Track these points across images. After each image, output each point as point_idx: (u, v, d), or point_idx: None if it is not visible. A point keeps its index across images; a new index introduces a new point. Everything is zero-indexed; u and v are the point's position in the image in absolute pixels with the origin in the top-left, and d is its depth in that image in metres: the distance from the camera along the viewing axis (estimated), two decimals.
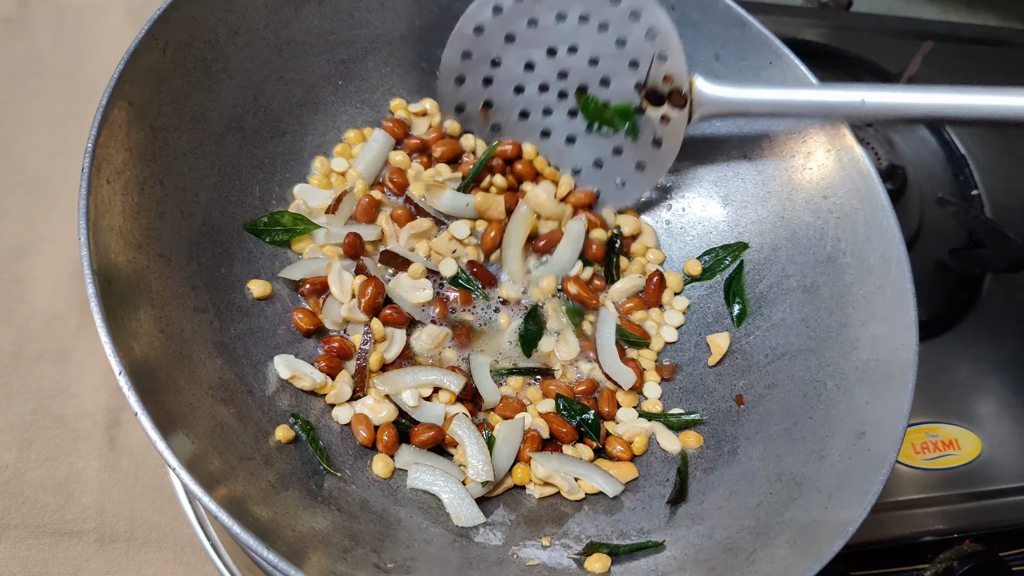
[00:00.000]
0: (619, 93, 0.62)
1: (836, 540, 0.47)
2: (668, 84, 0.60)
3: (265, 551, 0.40)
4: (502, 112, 0.65)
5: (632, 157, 0.64)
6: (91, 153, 0.45)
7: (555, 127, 0.65)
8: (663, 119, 0.61)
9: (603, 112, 0.63)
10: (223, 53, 0.55)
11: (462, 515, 0.53)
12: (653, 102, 0.61)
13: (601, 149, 0.65)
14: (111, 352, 0.41)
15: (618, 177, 0.65)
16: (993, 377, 0.83)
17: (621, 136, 0.63)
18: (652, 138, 0.62)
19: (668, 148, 0.62)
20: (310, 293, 0.59)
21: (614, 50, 0.60)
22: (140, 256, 0.48)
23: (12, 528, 0.65)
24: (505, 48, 0.62)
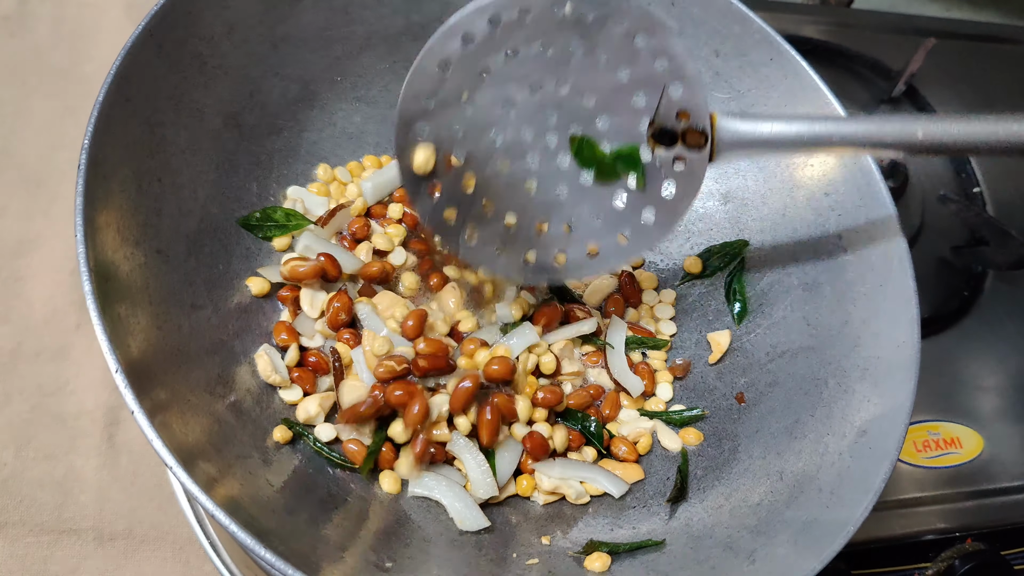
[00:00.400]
0: (622, 133, 0.51)
1: (837, 539, 0.46)
2: (683, 121, 0.50)
3: (263, 551, 0.39)
4: (475, 162, 0.51)
5: (639, 206, 0.52)
6: (88, 149, 0.45)
7: (543, 178, 0.52)
8: (676, 159, 0.51)
9: (602, 156, 0.51)
10: (219, 49, 0.55)
11: (467, 520, 0.53)
12: (663, 142, 0.50)
13: (600, 200, 0.53)
14: (107, 349, 0.41)
15: (620, 230, 0.53)
16: (995, 375, 0.83)
17: (624, 184, 0.52)
18: (662, 185, 0.51)
19: (683, 194, 0.51)
20: (289, 301, 0.57)
21: (614, 82, 0.49)
22: (137, 253, 0.48)
23: (10, 526, 0.65)
24: (477, 86, 0.49)
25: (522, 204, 0.53)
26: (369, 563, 0.46)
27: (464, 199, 0.52)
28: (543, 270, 0.55)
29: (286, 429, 0.52)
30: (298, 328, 0.57)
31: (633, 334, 0.63)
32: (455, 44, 0.47)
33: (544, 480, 0.55)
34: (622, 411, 0.61)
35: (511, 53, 0.49)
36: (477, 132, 0.51)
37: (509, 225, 0.53)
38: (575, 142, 0.51)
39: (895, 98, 0.97)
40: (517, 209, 0.53)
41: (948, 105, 0.98)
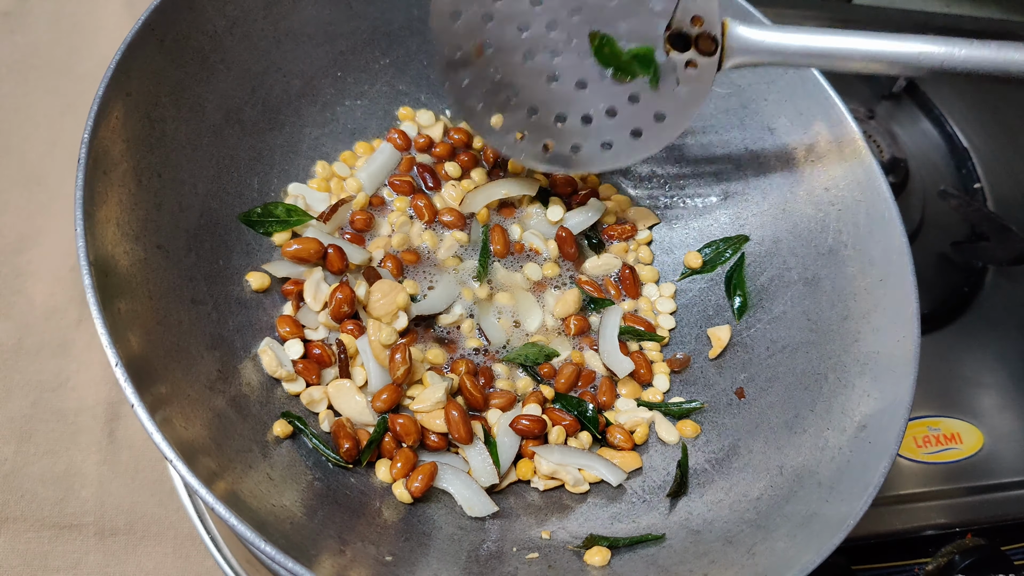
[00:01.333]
0: (638, 34, 0.54)
1: (837, 533, 0.46)
2: (696, 26, 0.52)
3: (263, 543, 0.39)
4: (503, 54, 0.56)
5: (651, 106, 0.56)
6: (88, 144, 0.45)
7: (564, 71, 0.57)
8: (688, 64, 0.54)
9: (620, 56, 0.55)
10: (221, 44, 0.55)
11: (475, 506, 0.53)
12: (677, 46, 0.53)
13: (616, 96, 0.57)
14: (107, 344, 0.41)
15: (633, 127, 0.57)
16: (995, 371, 0.83)
17: (639, 83, 0.56)
18: (674, 86, 0.55)
19: (692, 98, 0.55)
20: (293, 294, 0.58)
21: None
22: (137, 248, 0.48)
23: (12, 521, 0.65)
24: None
25: (544, 96, 0.58)
26: (369, 556, 0.46)
27: (491, 87, 0.57)
28: (559, 159, 0.60)
29: (286, 424, 0.52)
30: (301, 320, 0.57)
31: (629, 324, 0.64)
32: None
33: (543, 464, 0.56)
34: (620, 400, 0.61)
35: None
36: (505, 26, 0.55)
37: (531, 114, 0.58)
38: (595, 40, 0.55)
39: (895, 94, 0.97)
40: (539, 100, 0.58)
41: (949, 101, 0.98)
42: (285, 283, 0.58)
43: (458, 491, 0.54)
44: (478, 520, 0.54)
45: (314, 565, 0.40)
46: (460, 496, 0.53)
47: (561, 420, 0.58)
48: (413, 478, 0.53)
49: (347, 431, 0.54)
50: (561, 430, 0.57)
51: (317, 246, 0.57)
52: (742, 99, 0.64)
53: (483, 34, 0.55)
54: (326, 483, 0.51)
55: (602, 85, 0.56)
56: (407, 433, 0.54)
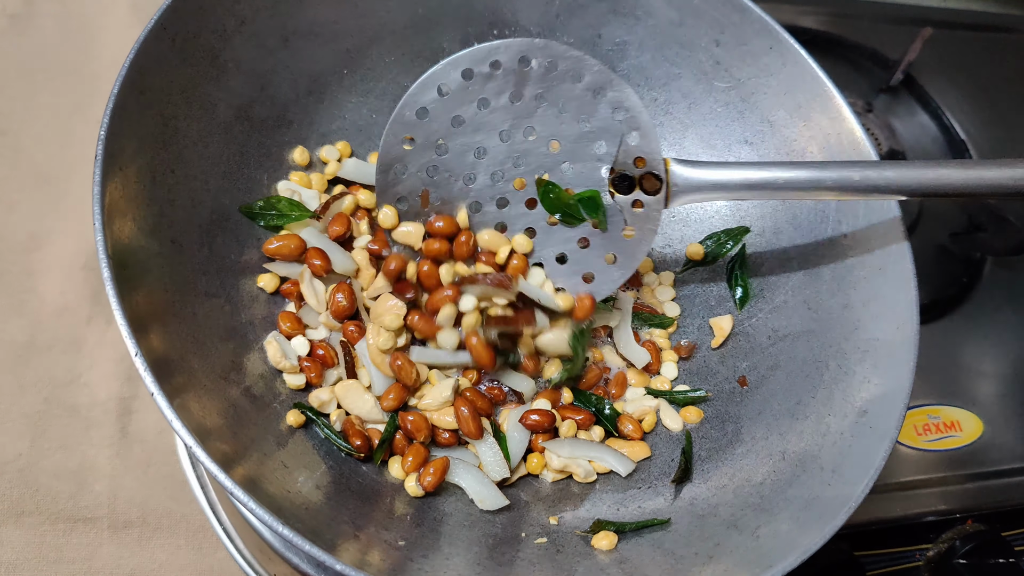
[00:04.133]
0: (584, 179, 0.55)
1: (838, 515, 0.47)
2: (640, 167, 0.54)
3: (281, 527, 0.40)
4: (451, 205, 0.56)
5: (601, 249, 0.57)
6: (104, 141, 0.46)
7: (512, 220, 0.57)
8: (635, 204, 0.55)
9: (566, 201, 0.55)
10: (231, 43, 0.56)
11: (487, 500, 0.54)
12: (621, 189, 0.55)
13: (566, 242, 0.57)
14: (127, 334, 0.42)
15: (584, 271, 0.57)
16: (994, 359, 0.84)
17: (588, 227, 0.56)
18: (623, 228, 0.56)
19: (642, 237, 0.56)
20: (294, 295, 0.58)
21: (576, 131, 0.54)
22: (152, 242, 0.49)
23: (27, 515, 0.67)
24: (452, 133, 0.54)
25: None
26: (382, 541, 0.47)
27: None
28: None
29: (299, 414, 0.53)
30: (304, 319, 0.58)
31: (639, 311, 0.65)
32: (431, 94, 0.53)
33: (554, 459, 0.57)
34: (629, 390, 0.62)
35: (482, 103, 0.54)
36: (451, 178, 0.56)
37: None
38: (541, 186, 0.56)
39: (893, 87, 0.98)
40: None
41: (946, 93, 0.99)
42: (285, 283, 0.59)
43: (470, 485, 0.55)
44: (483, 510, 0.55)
45: (332, 549, 0.41)
46: (472, 490, 0.54)
47: (575, 415, 0.59)
48: (425, 473, 0.53)
49: (356, 429, 0.55)
50: (572, 424, 0.58)
51: (298, 243, 0.57)
52: (741, 92, 0.65)
53: (429, 185, 0.56)
54: (339, 471, 0.52)
55: (551, 231, 0.57)
56: (418, 430, 0.55)
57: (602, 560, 0.51)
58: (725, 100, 0.66)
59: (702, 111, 0.67)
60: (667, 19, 0.65)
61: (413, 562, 0.46)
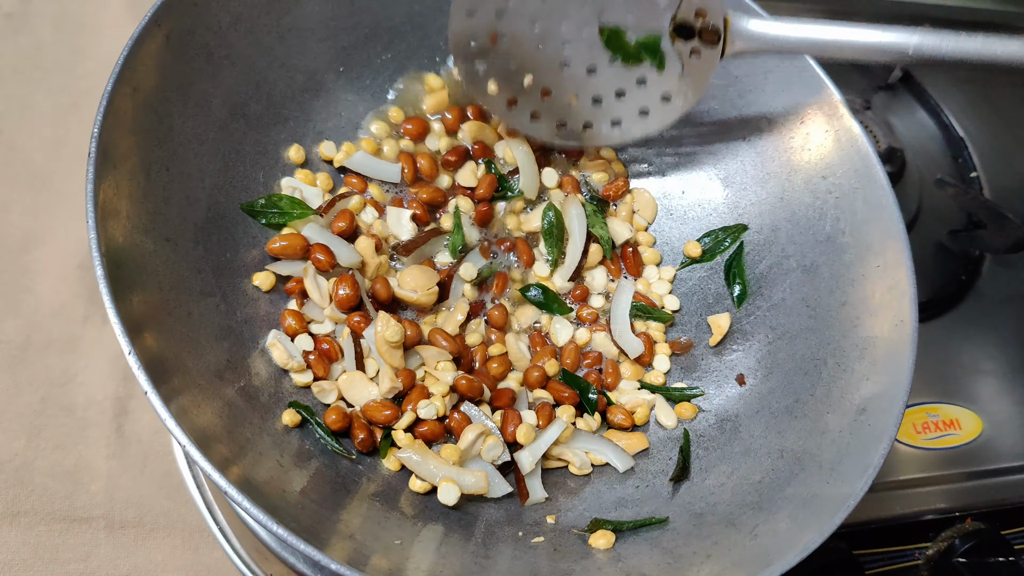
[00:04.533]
0: (645, 26, 0.58)
1: (837, 513, 0.47)
2: (700, 19, 0.56)
3: (276, 527, 0.40)
4: (517, 43, 0.60)
5: (657, 88, 0.60)
6: (97, 138, 0.46)
7: (574, 58, 0.60)
8: (693, 52, 0.58)
9: (627, 45, 0.59)
10: (226, 40, 0.56)
11: (494, 488, 0.54)
12: (683, 36, 0.57)
13: (624, 80, 0.61)
14: (120, 332, 0.42)
15: (641, 107, 0.61)
16: (993, 357, 0.84)
17: (646, 67, 0.59)
18: (679, 71, 0.59)
19: (696, 82, 0.59)
20: (296, 292, 0.58)
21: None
22: (147, 240, 0.49)
23: (23, 515, 0.66)
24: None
25: (556, 80, 0.62)
26: (378, 540, 0.47)
27: (507, 74, 0.61)
28: (571, 135, 0.64)
29: (294, 413, 0.53)
30: (307, 314, 0.58)
31: (638, 301, 0.65)
32: None
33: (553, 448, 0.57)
34: (622, 381, 0.62)
35: None
36: (518, 19, 0.59)
37: (545, 96, 0.62)
38: (604, 32, 0.59)
39: (891, 85, 0.98)
40: (552, 82, 0.62)
41: (945, 91, 0.99)
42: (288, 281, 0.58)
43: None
44: (484, 506, 0.54)
45: (326, 548, 0.41)
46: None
47: (562, 393, 0.59)
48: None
49: (361, 422, 0.54)
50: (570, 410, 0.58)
51: (301, 242, 0.57)
52: (739, 89, 0.65)
53: (497, 26, 0.59)
54: (335, 470, 0.52)
55: (611, 70, 0.60)
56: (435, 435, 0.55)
57: (600, 559, 0.51)
58: (723, 97, 0.66)
59: (699, 109, 0.67)
60: None
61: (409, 561, 0.46)
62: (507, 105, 0.63)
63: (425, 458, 0.53)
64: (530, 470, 0.55)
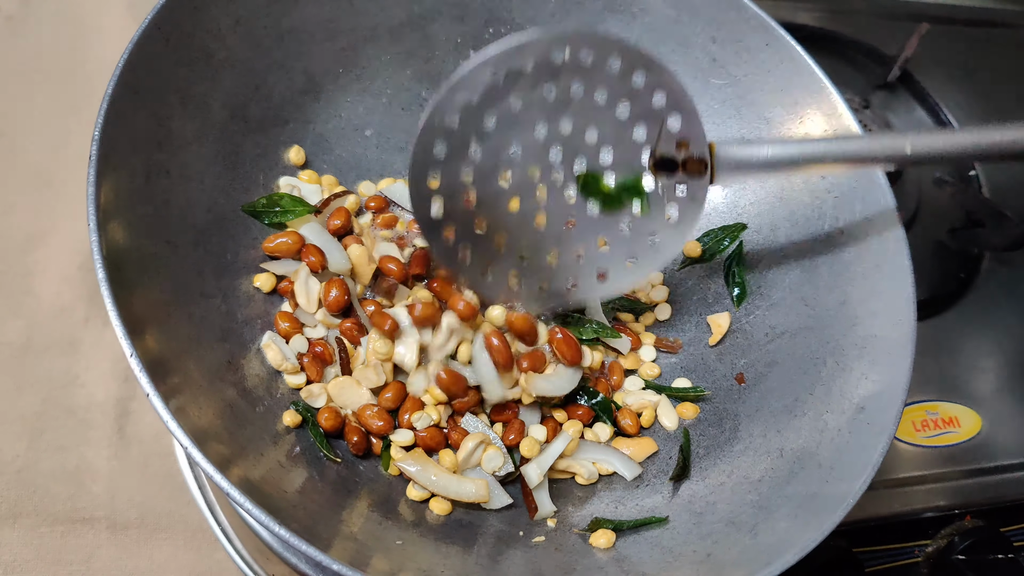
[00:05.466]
0: (624, 165, 0.53)
1: (837, 511, 0.47)
2: (683, 150, 0.52)
3: (277, 527, 0.40)
4: (487, 206, 0.53)
5: (644, 232, 0.55)
6: (98, 141, 0.46)
7: (552, 212, 0.54)
8: (677, 185, 0.53)
9: (607, 189, 0.53)
10: (225, 43, 0.56)
11: (494, 500, 0.54)
12: (665, 170, 0.52)
13: (607, 228, 0.55)
14: (122, 335, 0.42)
15: (629, 253, 0.55)
16: (992, 355, 0.84)
17: (629, 210, 0.54)
18: (666, 208, 0.54)
19: (685, 218, 0.54)
20: (289, 292, 0.58)
21: (615, 117, 0.51)
22: (147, 243, 0.49)
23: (25, 516, 0.66)
24: (485, 135, 0.50)
25: (534, 238, 0.55)
26: (379, 540, 0.47)
27: (479, 238, 0.54)
28: (557, 296, 0.57)
29: (295, 414, 0.53)
30: (300, 319, 0.58)
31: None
32: (461, 97, 0.48)
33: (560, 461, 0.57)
34: (627, 380, 0.62)
35: (515, 99, 0.50)
36: (487, 175, 0.52)
37: (523, 258, 0.55)
38: (581, 178, 0.53)
39: (890, 83, 0.98)
40: (529, 243, 0.55)
41: (943, 89, 0.99)
42: (282, 281, 0.58)
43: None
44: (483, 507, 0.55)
45: (327, 549, 0.41)
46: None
47: (576, 411, 0.59)
48: None
49: (353, 426, 0.54)
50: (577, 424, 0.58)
51: (297, 239, 0.57)
52: (738, 90, 0.65)
53: (465, 188, 0.52)
54: (336, 471, 0.52)
55: (592, 220, 0.54)
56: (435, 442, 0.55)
57: (600, 558, 0.51)
58: (722, 97, 0.66)
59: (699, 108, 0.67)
60: (664, 16, 0.65)
61: (410, 561, 0.46)
62: (481, 274, 0.55)
63: (425, 467, 0.53)
64: (537, 483, 0.55)
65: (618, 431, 0.60)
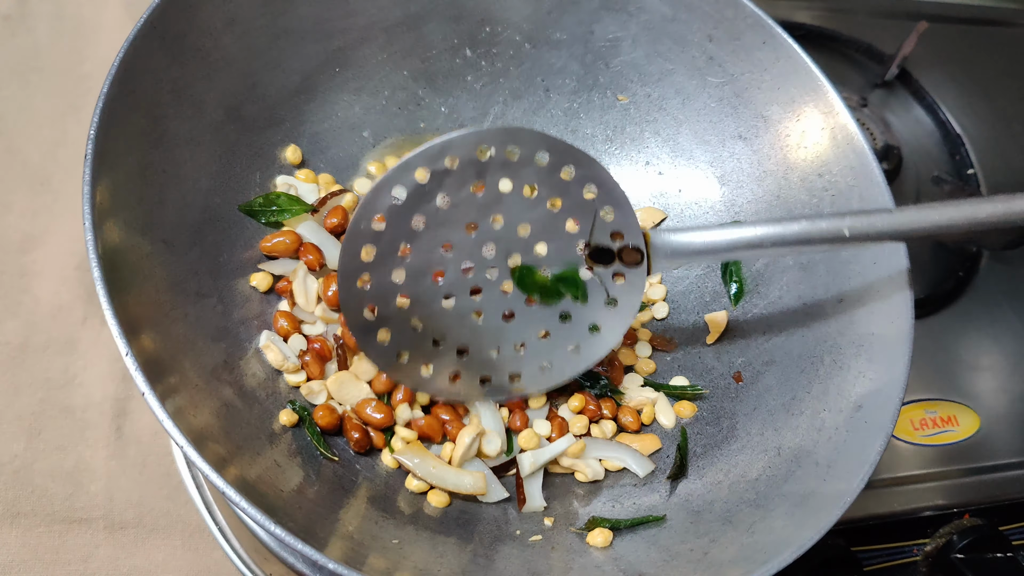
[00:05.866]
0: (559, 256, 0.53)
1: (834, 510, 0.47)
2: (617, 240, 0.52)
3: (274, 526, 0.40)
4: (421, 305, 0.53)
5: (584, 320, 0.55)
6: (93, 140, 0.46)
7: (488, 306, 0.54)
8: (615, 276, 0.53)
9: (543, 282, 0.53)
10: (220, 42, 0.56)
11: (491, 493, 0.54)
12: (601, 261, 0.53)
13: (547, 319, 0.55)
14: (117, 334, 0.42)
15: (571, 343, 0.56)
16: (991, 354, 0.84)
17: (568, 301, 0.54)
18: (605, 297, 0.54)
19: (626, 305, 0.54)
20: (287, 292, 0.58)
21: (546, 212, 0.51)
22: (143, 242, 0.49)
23: (22, 516, 0.66)
24: (414, 236, 0.50)
25: (472, 333, 0.54)
26: (376, 539, 0.47)
27: (415, 339, 0.54)
28: (500, 390, 0.57)
29: (291, 413, 0.53)
30: (299, 316, 0.58)
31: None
32: (386, 200, 0.48)
33: (563, 459, 0.57)
34: (627, 377, 0.62)
35: (443, 199, 0.50)
36: (419, 276, 0.52)
37: (462, 354, 0.55)
38: (516, 271, 0.53)
39: (888, 82, 0.98)
40: (468, 339, 0.55)
41: (942, 88, 0.99)
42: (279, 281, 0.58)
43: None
44: (482, 505, 0.55)
45: (324, 547, 0.41)
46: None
47: (588, 405, 0.59)
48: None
49: (354, 423, 0.54)
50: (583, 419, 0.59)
51: (295, 238, 0.58)
52: (735, 88, 0.65)
53: (395, 286, 0.52)
54: (332, 470, 0.52)
55: (531, 311, 0.54)
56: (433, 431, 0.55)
57: (597, 557, 0.51)
58: (719, 95, 0.66)
59: (696, 107, 0.67)
60: (660, 14, 0.65)
61: (407, 560, 0.46)
62: (421, 372, 0.55)
63: (424, 459, 0.54)
64: (529, 472, 0.55)
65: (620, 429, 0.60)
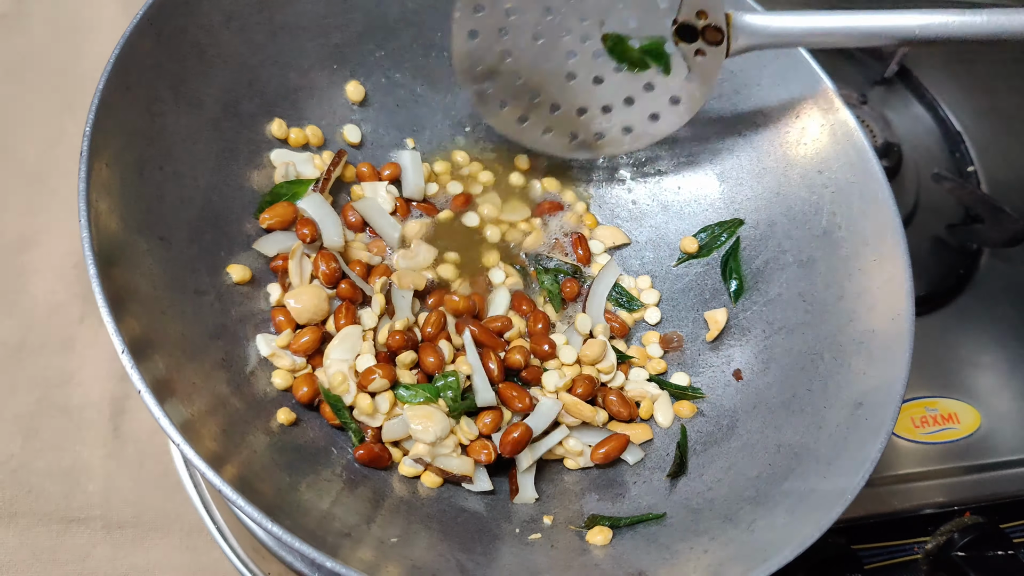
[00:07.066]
0: (647, 30, 0.59)
1: (835, 507, 0.47)
2: (702, 19, 0.57)
3: (271, 525, 0.40)
4: (522, 60, 0.61)
5: (665, 92, 0.61)
6: (89, 136, 0.46)
7: (580, 69, 0.61)
8: (697, 53, 0.58)
9: (632, 51, 0.60)
10: (218, 38, 0.56)
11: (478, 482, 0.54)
12: (686, 38, 0.58)
13: (632, 86, 0.61)
14: (113, 332, 0.42)
15: (651, 111, 0.62)
16: (991, 351, 0.83)
17: (652, 72, 0.60)
18: (686, 73, 0.60)
19: (704, 82, 0.60)
20: (282, 270, 0.58)
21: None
22: (140, 239, 0.49)
23: (20, 516, 0.66)
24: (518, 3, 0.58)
25: (564, 93, 0.63)
26: (374, 537, 0.47)
27: (515, 91, 0.63)
28: (584, 146, 0.66)
29: (289, 412, 0.53)
30: None
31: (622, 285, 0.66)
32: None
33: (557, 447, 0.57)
34: (632, 371, 0.62)
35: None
36: (523, 37, 0.60)
37: (554, 110, 0.64)
38: (608, 39, 0.60)
39: (888, 79, 0.97)
40: (560, 97, 0.63)
41: (941, 85, 0.99)
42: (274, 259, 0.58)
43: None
44: (481, 505, 0.54)
45: (321, 546, 0.41)
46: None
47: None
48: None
49: None
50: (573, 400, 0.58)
51: (292, 211, 0.59)
52: (735, 84, 0.65)
53: (501, 45, 0.60)
54: (331, 469, 0.52)
55: (617, 78, 0.61)
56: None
57: (597, 555, 0.51)
58: (719, 92, 0.66)
59: None
60: None
61: (406, 559, 0.46)
62: (518, 122, 0.64)
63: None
64: (526, 467, 0.55)
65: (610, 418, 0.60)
